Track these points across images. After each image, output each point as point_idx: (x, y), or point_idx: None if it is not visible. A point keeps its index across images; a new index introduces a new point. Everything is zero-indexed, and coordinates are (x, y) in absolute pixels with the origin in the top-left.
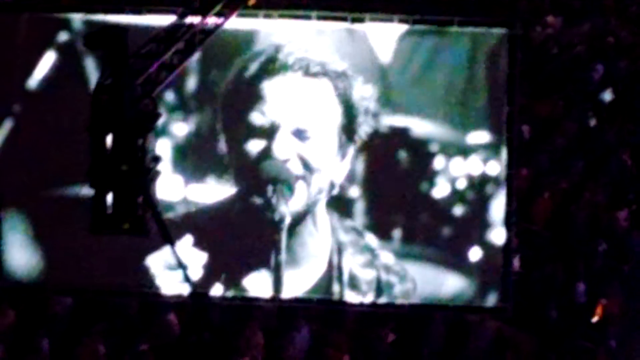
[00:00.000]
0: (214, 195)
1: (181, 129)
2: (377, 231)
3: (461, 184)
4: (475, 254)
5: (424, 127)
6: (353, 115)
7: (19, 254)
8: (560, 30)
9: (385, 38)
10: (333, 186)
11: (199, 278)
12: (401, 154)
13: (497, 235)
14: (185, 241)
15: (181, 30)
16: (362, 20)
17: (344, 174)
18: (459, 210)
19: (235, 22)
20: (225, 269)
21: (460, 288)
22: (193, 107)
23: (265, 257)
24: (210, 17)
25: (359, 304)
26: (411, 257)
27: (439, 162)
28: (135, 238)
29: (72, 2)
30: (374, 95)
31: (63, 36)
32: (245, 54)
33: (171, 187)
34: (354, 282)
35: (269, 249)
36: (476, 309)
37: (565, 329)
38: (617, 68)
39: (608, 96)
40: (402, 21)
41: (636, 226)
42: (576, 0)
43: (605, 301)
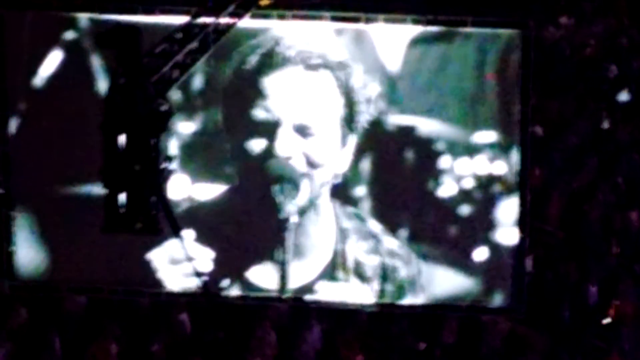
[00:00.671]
0: (219, 193)
1: (187, 127)
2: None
3: (468, 184)
4: (481, 253)
5: (430, 126)
6: (354, 104)
7: (30, 252)
8: (573, 30)
9: (394, 41)
10: (335, 176)
11: (204, 276)
12: (407, 153)
13: (504, 235)
14: (189, 238)
15: (195, 30)
16: (375, 21)
17: (346, 163)
18: (465, 210)
19: (247, 22)
20: (230, 267)
21: (465, 288)
22: (198, 105)
23: (271, 255)
24: (223, 17)
25: (372, 305)
26: (417, 256)
27: (445, 162)
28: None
29: (86, 2)
30: (374, 84)
31: (69, 34)
32: (244, 46)
33: (177, 186)
34: (358, 269)
35: (275, 247)
36: (489, 309)
37: (578, 329)
38: (631, 68)
39: (623, 96)
40: (416, 22)
41: None
42: (589, 1)
43: (618, 302)
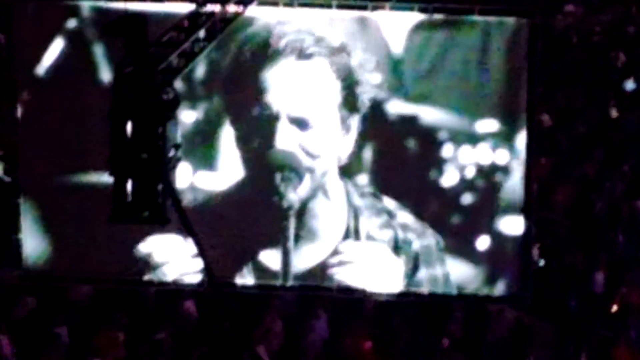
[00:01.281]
0: (221, 182)
1: (189, 116)
2: None
3: (470, 172)
4: (483, 242)
5: (433, 115)
6: (352, 86)
7: (36, 241)
8: (581, 19)
9: (397, 28)
10: (339, 160)
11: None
12: (410, 142)
13: (506, 224)
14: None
15: (201, 19)
16: (382, 9)
17: (350, 146)
18: (467, 199)
19: (254, 10)
20: (234, 256)
21: (468, 276)
22: (201, 94)
23: (274, 244)
24: (230, 5)
25: (378, 293)
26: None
27: (447, 150)
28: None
29: None
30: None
31: (72, 23)
32: (239, 37)
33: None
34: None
35: (278, 236)
36: (495, 298)
37: (585, 318)
38: (638, 56)
39: (630, 85)
40: (423, 10)
41: None
42: None
43: (625, 290)
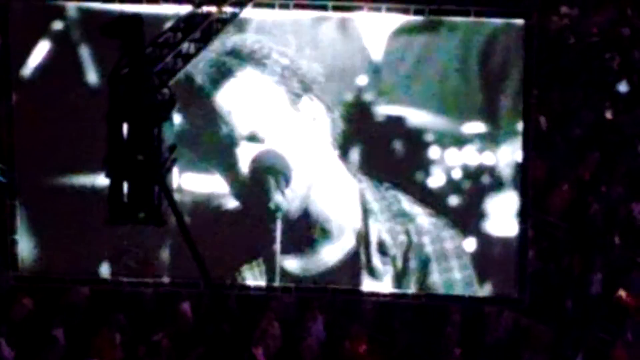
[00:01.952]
0: (208, 184)
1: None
2: None
3: (456, 174)
4: (470, 244)
5: (419, 117)
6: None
7: (33, 243)
8: (576, 20)
9: (379, 32)
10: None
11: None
12: (396, 144)
13: (493, 226)
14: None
15: (198, 20)
16: (378, 10)
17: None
18: (454, 201)
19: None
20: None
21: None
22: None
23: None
24: (226, 7)
25: (375, 294)
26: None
27: (434, 152)
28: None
29: None
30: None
31: (57, 25)
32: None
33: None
34: (382, 248)
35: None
36: (493, 300)
37: (582, 320)
38: (633, 59)
39: (625, 87)
40: (418, 12)
41: None
42: None
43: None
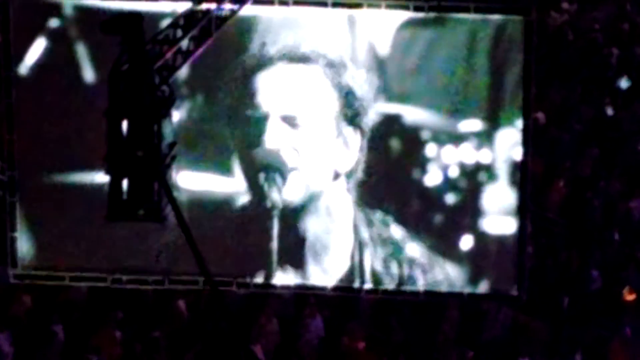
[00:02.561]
0: (205, 182)
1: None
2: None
3: (453, 172)
4: (466, 242)
5: (416, 115)
6: (350, 99)
7: (32, 240)
8: (576, 16)
9: (385, 28)
10: (338, 175)
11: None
12: (393, 141)
13: (490, 224)
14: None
15: (198, 16)
16: (378, 7)
17: (350, 163)
18: (450, 198)
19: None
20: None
21: (450, 276)
22: (185, 94)
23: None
24: (226, 3)
25: (373, 291)
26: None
27: (430, 150)
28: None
29: None
30: (371, 83)
31: (54, 22)
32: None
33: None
34: (375, 277)
35: (261, 238)
36: (490, 296)
37: (580, 316)
38: (633, 54)
39: (624, 83)
40: (418, 8)
41: None
42: None
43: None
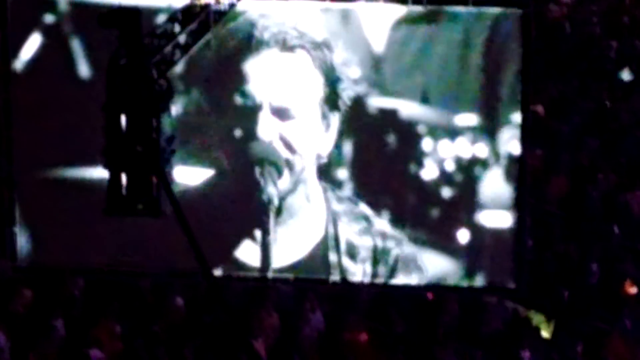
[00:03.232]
0: (200, 176)
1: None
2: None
3: (449, 166)
4: (463, 236)
5: (412, 109)
6: (334, 82)
7: (32, 235)
8: (575, 8)
9: (380, 22)
10: (320, 158)
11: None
12: (389, 136)
13: (487, 217)
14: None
15: (195, 10)
16: (374, 0)
17: (330, 144)
18: (447, 192)
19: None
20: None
21: (448, 270)
22: (179, 88)
23: (253, 238)
24: None
25: (373, 285)
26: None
27: (426, 144)
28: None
29: None
30: (355, 61)
31: (49, 18)
32: (222, 31)
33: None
34: (351, 251)
35: (257, 230)
36: (490, 289)
37: (579, 309)
38: (632, 47)
39: (624, 75)
40: (416, 1)
41: None
42: None
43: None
